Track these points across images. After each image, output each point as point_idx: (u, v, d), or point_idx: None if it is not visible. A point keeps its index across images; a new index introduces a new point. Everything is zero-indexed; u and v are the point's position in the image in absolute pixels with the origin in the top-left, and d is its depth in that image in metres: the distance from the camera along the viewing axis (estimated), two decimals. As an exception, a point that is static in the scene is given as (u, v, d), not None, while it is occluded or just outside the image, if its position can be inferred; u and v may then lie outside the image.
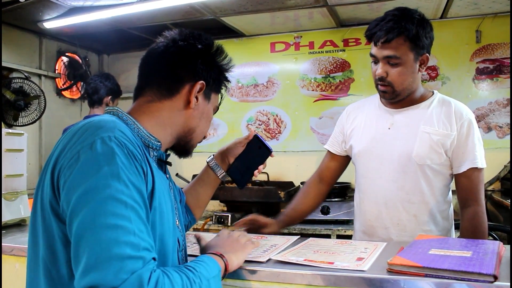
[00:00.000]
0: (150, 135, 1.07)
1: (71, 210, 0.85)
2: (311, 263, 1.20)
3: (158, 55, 1.13)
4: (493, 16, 3.29)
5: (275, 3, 3.04)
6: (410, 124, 1.70)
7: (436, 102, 1.73)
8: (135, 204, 0.87)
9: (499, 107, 3.32)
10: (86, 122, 0.96)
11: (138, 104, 1.12)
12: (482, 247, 1.25)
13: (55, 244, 0.91)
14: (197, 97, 1.12)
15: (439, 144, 1.65)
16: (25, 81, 3.37)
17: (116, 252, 0.80)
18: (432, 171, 1.67)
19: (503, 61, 3.31)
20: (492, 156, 3.34)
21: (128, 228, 0.83)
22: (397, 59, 1.61)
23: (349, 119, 1.88)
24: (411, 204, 1.68)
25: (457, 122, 1.66)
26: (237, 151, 1.45)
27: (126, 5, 2.93)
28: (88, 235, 0.82)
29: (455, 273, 1.03)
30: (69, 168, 0.88)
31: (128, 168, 0.89)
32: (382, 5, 3.08)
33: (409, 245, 1.30)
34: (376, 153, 1.74)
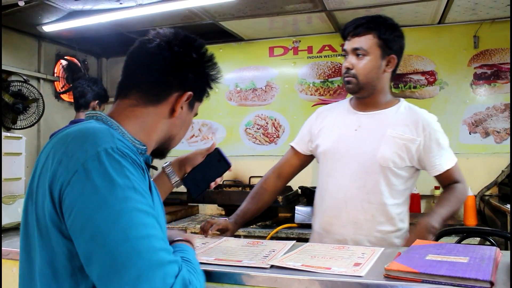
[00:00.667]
0: (134, 139, 1.05)
1: (95, 229, 0.83)
2: (308, 268, 1.19)
3: (150, 57, 1.08)
4: (491, 22, 3.31)
5: (274, 7, 3.05)
6: (376, 127, 1.79)
7: (403, 108, 1.83)
8: (152, 209, 0.89)
9: (496, 112, 3.33)
10: (77, 130, 0.95)
11: (121, 107, 1.08)
12: (479, 252, 1.25)
13: (56, 259, 0.90)
14: (182, 106, 1.11)
15: (404, 148, 1.74)
16: (24, 84, 3.38)
17: (157, 260, 0.83)
18: (393, 174, 1.76)
19: (501, 66, 3.32)
20: (489, 161, 3.37)
21: (157, 235, 0.86)
22: (364, 51, 1.74)
23: (318, 120, 1.96)
24: (370, 204, 1.75)
25: (424, 130, 1.76)
26: (196, 161, 1.45)
27: (125, 9, 2.93)
28: (123, 250, 0.81)
29: (451, 279, 1.04)
30: (76, 184, 0.86)
31: (136, 176, 0.90)
32: (380, 10, 3.09)
33: (406, 251, 1.31)
34: (341, 153, 1.81)
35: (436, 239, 2.03)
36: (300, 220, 3.12)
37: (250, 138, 3.93)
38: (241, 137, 3.95)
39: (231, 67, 3.99)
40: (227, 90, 4.00)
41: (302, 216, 3.12)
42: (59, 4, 2.88)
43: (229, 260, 1.28)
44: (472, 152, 3.35)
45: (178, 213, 3.49)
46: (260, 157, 3.84)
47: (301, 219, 3.12)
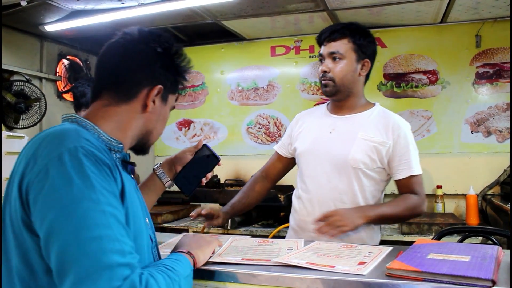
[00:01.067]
0: (111, 138, 1.06)
1: (49, 228, 0.85)
2: (312, 266, 1.20)
3: (116, 57, 1.12)
4: (493, 21, 3.30)
5: (276, 7, 3.05)
6: (349, 129, 1.86)
7: (376, 112, 1.90)
8: (113, 209, 0.90)
9: (498, 111, 3.32)
10: (48, 133, 0.96)
11: (95, 108, 1.10)
12: (481, 251, 1.25)
13: (30, 257, 0.92)
14: (154, 100, 1.12)
15: (374, 150, 1.81)
16: (26, 84, 3.38)
17: (105, 261, 0.83)
18: (365, 175, 1.82)
19: (503, 65, 3.31)
20: (491, 160, 3.37)
21: (111, 236, 0.86)
22: (340, 55, 1.82)
23: (298, 124, 2.05)
24: (343, 203, 1.81)
25: (393, 133, 1.82)
26: (185, 159, 1.48)
27: (127, 8, 2.93)
28: (73, 250, 0.83)
29: (453, 277, 1.04)
30: (38, 183, 0.88)
31: (98, 175, 0.90)
32: (382, 9, 3.09)
33: (408, 250, 1.31)
34: (316, 154, 1.89)
35: (438, 238, 2.03)
36: (302, 219, 3.11)
37: (252, 137, 3.93)
38: (243, 137, 3.95)
39: (233, 67, 3.99)
40: (229, 90, 4.00)
41: (304, 216, 3.11)
42: (61, 3, 2.88)
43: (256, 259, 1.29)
44: (474, 152, 3.34)
45: (180, 212, 3.50)
46: (262, 156, 3.83)
47: (303, 218, 3.11)
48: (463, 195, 3.22)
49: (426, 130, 3.45)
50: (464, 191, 3.22)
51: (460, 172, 3.35)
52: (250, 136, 3.94)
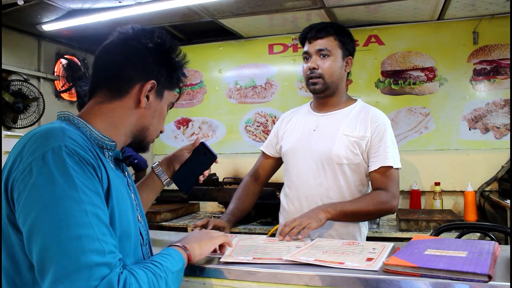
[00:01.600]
0: (103, 136, 1.07)
1: (31, 226, 0.86)
2: (322, 263, 1.21)
3: (108, 55, 1.13)
4: (490, 18, 3.31)
5: (273, 5, 3.06)
6: (332, 126, 1.90)
7: (357, 108, 1.93)
8: (95, 208, 0.90)
9: (496, 108, 3.33)
10: (35, 132, 0.97)
11: (89, 106, 1.11)
12: (478, 247, 1.26)
13: (15, 253, 0.93)
14: (148, 96, 1.12)
15: (355, 145, 1.84)
16: (24, 84, 3.38)
17: (84, 261, 0.84)
18: (349, 170, 1.85)
19: (500, 62, 3.32)
20: (489, 157, 3.38)
21: (91, 235, 0.87)
22: (328, 51, 1.87)
23: (283, 124, 2.09)
24: (330, 199, 1.83)
25: (371, 125, 1.85)
26: (183, 157, 1.50)
27: (125, 7, 2.94)
28: (53, 248, 0.84)
29: (450, 273, 1.05)
30: (22, 181, 0.89)
31: (81, 174, 0.91)
32: (379, 6, 3.10)
33: (405, 246, 1.32)
34: (301, 151, 1.92)
35: (436, 235, 2.03)
36: (300, 217, 3.12)
37: (250, 135, 3.94)
38: (241, 135, 3.96)
39: (230, 65, 3.99)
40: (227, 88, 4.00)
41: (302, 213, 3.12)
42: (58, 3, 2.88)
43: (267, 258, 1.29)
44: (472, 148, 3.35)
45: (178, 211, 3.50)
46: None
47: (302, 216, 3.12)
48: (461, 191, 3.24)
49: (424, 127, 3.46)
50: (462, 188, 3.23)
51: (458, 169, 3.36)
52: (249, 134, 3.94)
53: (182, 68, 1.20)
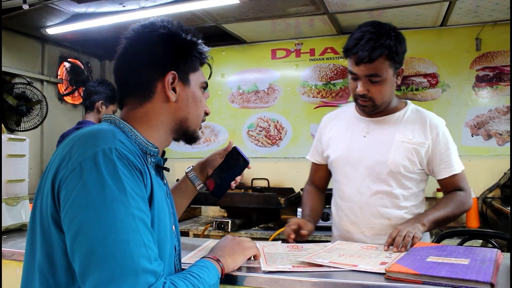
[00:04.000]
0: (147, 141, 1.06)
1: (78, 227, 0.85)
2: (335, 265, 1.21)
3: (120, 65, 1.12)
4: (493, 24, 3.31)
5: (276, 10, 3.06)
6: (385, 132, 1.78)
7: (410, 112, 1.81)
8: (142, 214, 0.89)
9: (499, 114, 3.33)
10: (85, 131, 0.96)
11: (125, 113, 1.10)
12: (480, 255, 1.26)
13: (54, 253, 0.92)
14: (175, 88, 1.09)
15: (413, 153, 1.73)
16: (27, 87, 3.39)
17: (131, 266, 0.83)
18: (405, 178, 1.76)
19: (503, 68, 3.32)
20: (492, 163, 3.37)
21: (139, 240, 0.86)
22: (379, 77, 1.66)
23: (326, 129, 1.95)
24: (385, 208, 1.75)
25: (431, 132, 1.76)
26: (215, 162, 1.45)
27: (128, 12, 2.95)
28: (100, 251, 0.83)
29: (452, 280, 1.04)
30: (71, 180, 0.88)
31: (130, 179, 0.90)
32: (382, 12, 3.10)
33: (407, 252, 1.32)
34: (352, 160, 1.81)
35: (437, 241, 2.03)
36: (302, 222, 3.12)
37: (253, 140, 3.94)
38: (244, 139, 3.96)
39: (233, 70, 4.00)
40: (230, 93, 4.01)
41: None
42: (62, 7, 2.89)
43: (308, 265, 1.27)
44: (474, 155, 3.34)
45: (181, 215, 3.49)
46: (263, 159, 3.84)
47: (303, 221, 3.11)
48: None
49: (427, 133, 3.45)
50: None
51: (461, 175, 3.34)
52: (251, 139, 3.94)
53: (196, 45, 1.14)
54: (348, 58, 1.71)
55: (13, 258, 1.59)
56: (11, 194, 1.97)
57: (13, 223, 1.94)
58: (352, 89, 1.74)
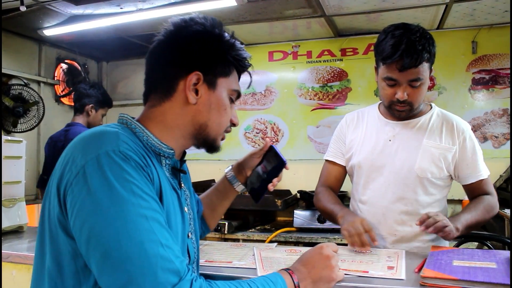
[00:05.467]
0: (161, 143, 1.02)
1: (89, 232, 0.83)
2: (346, 271, 1.17)
3: (150, 57, 1.07)
4: (489, 27, 3.33)
5: (274, 13, 3.07)
6: (411, 137, 1.73)
7: (435, 115, 1.76)
8: (155, 213, 0.86)
9: (495, 117, 3.34)
10: (87, 133, 0.94)
11: (144, 111, 1.07)
12: (500, 257, 1.24)
13: (61, 257, 0.90)
14: (197, 89, 1.03)
15: (441, 158, 1.69)
16: (24, 88, 3.39)
17: (148, 267, 0.80)
18: (430, 184, 1.71)
19: (499, 71, 3.33)
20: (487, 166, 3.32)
21: (154, 240, 0.83)
22: (420, 81, 1.61)
23: (350, 129, 1.88)
24: (409, 215, 1.71)
25: (458, 137, 1.71)
26: (252, 162, 1.37)
27: (126, 13, 2.95)
28: (115, 254, 0.80)
29: (493, 285, 1.01)
30: (76, 185, 0.86)
31: (138, 180, 0.87)
32: (379, 15, 3.11)
33: (429, 257, 1.28)
34: (377, 164, 1.75)
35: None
36: (298, 224, 3.13)
37: (249, 142, 3.94)
38: (241, 141, 3.96)
39: (230, 72, 3.99)
40: (227, 94, 4.00)
41: (300, 220, 3.13)
42: (60, 8, 2.89)
43: None
44: (470, 157, 3.35)
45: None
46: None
47: (300, 223, 3.12)
48: (459, 200, 3.23)
49: (423, 135, 3.46)
50: (460, 197, 3.22)
51: (457, 177, 3.36)
52: (248, 141, 3.95)
53: (234, 49, 1.08)
54: (385, 65, 1.62)
55: (9, 260, 1.58)
56: (7, 196, 1.97)
57: (9, 225, 1.93)
58: (388, 95, 1.66)
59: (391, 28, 1.64)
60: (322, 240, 2.93)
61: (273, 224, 3.45)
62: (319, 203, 1.85)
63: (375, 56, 1.71)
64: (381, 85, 1.68)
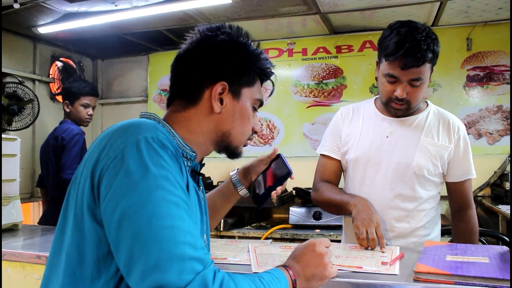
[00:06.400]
0: (185, 144, 1.04)
1: (122, 214, 0.83)
2: (340, 267, 1.18)
3: (177, 63, 1.09)
4: (483, 25, 3.34)
5: (269, 10, 3.07)
6: (409, 134, 1.73)
7: (432, 113, 1.77)
8: (184, 204, 0.87)
9: (489, 114, 3.36)
10: (124, 123, 0.95)
11: (168, 114, 1.09)
12: (493, 252, 1.25)
13: (84, 244, 0.90)
14: (222, 99, 1.05)
15: (437, 156, 1.71)
16: (19, 86, 3.37)
17: (176, 253, 0.80)
18: (426, 181, 1.72)
19: (493, 68, 3.35)
20: (482, 162, 3.38)
21: (183, 228, 0.83)
22: (421, 80, 1.60)
23: (345, 123, 1.86)
24: (406, 211, 1.72)
25: (454, 135, 1.73)
26: (259, 169, 1.40)
27: (121, 11, 2.94)
28: (144, 238, 0.80)
29: (485, 280, 1.02)
30: (114, 168, 0.86)
31: (173, 168, 0.88)
32: (374, 13, 3.12)
33: (423, 252, 1.29)
34: (374, 160, 1.75)
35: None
36: (294, 221, 3.14)
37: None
38: (236, 139, 3.96)
39: (226, 69, 3.99)
40: (222, 92, 4.00)
41: (296, 217, 3.14)
42: (54, 6, 2.88)
43: None
44: (465, 154, 3.37)
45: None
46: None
47: (296, 220, 3.13)
48: None
49: (418, 132, 3.48)
50: None
51: (451, 174, 3.37)
52: (243, 138, 3.94)
53: (259, 60, 1.11)
54: (387, 62, 1.61)
55: (4, 258, 1.58)
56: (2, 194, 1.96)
57: (4, 223, 1.93)
58: (386, 92, 1.66)
59: (397, 24, 1.62)
60: (317, 236, 2.93)
61: (269, 221, 3.46)
62: (322, 196, 1.81)
63: (378, 51, 1.70)
64: (381, 81, 1.67)
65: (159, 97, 4.20)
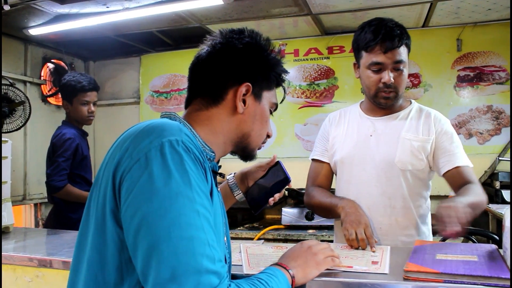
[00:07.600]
0: (205, 144, 1.03)
1: (141, 219, 0.81)
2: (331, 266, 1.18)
3: (199, 63, 1.09)
4: (473, 25, 3.37)
5: (260, 11, 3.08)
6: (391, 131, 1.76)
7: (414, 111, 1.80)
8: (206, 211, 0.85)
9: (479, 114, 3.39)
10: (147, 124, 0.94)
11: (188, 113, 1.09)
12: (482, 251, 1.27)
13: (106, 248, 0.88)
14: (245, 100, 1.07)
15: (420, 150, 1.72)
16: (10, 88, 3.35)
17: (193, 265, 0.78)
18: (413, 177, 1.73)
19: (483, 69, 3.38)
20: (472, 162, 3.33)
21: (203, 239, 0.81)
22: (403, 63, 1.68)
23: (332, 127, 1.91)
24: (393, 209, 1.73)
25: (435, 126, 1.75)
26: (257, 174, 1.41)
27: (112, 12, 2.94)
28: (163, 247, 0.79)
29: (473, 278, 1.03)
30: (136, 171, 0.84)
31: (196, 174, 0.86)
32: (365, 13, 3.14)
33: (413, 251, 1.30)
34: (359, 159, 1.78)
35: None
36: (287, 221, 3.15)
37: (238, 140, 3.94)
38: (229, 140, 3.96)
39: (218, 70, 3.99)
40: (215, 93, 4.00)
41: (289, 218, 3.15)
42: (45, 7, 2.87)
43: None
44: (456, 153, 3.39)
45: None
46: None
47: (288, 220, 3.14)
48: (445, 196, 3.27)
49: (409, 132, 3.50)
50: (446, 192, 3.25)
51: (442, 173, 3.40)
52: (236, 139, 3.95)
53: (279, 65, 1.13)
54: (367, 52, 1.68)
55: (-4, 260, 1.58)
56: (-7, 197, 1.96)
57: (-5, 226, 1.92)
58: (374, 82, 1.70)
59: (366, 22, 1.73)
60: (309, 237, 2.95)
61: (262, 222, 3.46)
62: (313, 200, 1.84)
63: (354, 51, 1.77)
64: (366, 74, 1.71)
65: (151, 98, 4.19)
